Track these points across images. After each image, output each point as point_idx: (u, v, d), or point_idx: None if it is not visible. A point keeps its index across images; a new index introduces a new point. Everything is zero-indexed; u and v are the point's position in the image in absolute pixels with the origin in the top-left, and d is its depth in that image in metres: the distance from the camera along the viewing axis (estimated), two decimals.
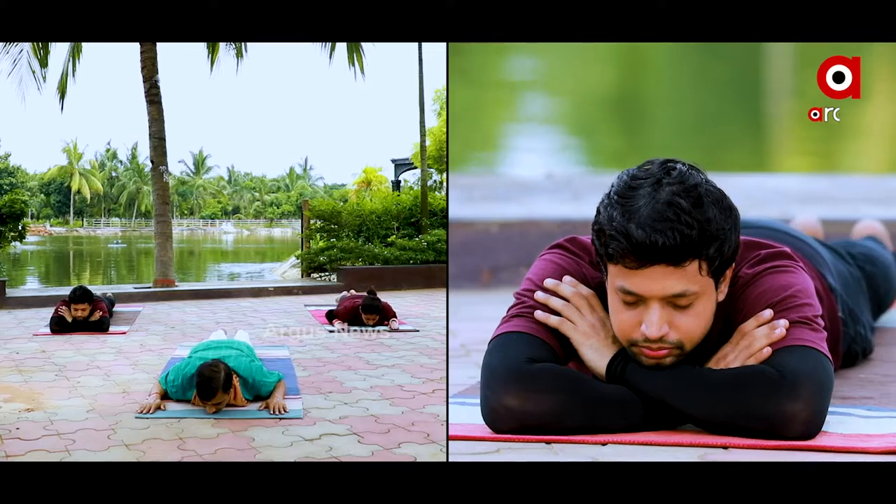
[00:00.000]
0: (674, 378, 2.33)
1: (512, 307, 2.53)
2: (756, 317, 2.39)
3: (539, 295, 2.46)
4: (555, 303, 2.46)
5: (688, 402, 2.31)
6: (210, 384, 3.75)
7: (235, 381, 3.89)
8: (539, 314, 2.45)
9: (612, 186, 2.35)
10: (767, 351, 2.33)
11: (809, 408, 2.25)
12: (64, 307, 6.55)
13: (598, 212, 2.35)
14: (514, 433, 2.34)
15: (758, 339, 2.36)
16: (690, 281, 2.27)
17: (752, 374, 2.30)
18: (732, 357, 2.37)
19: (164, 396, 4.00)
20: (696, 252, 2.24)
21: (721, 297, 2.37)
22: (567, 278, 2.49)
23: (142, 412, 3.86)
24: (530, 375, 2.34)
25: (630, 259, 2.26)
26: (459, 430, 2.39)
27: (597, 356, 2.41)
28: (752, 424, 2.27)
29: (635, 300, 2.31)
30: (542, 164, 6.49)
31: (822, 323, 2.41)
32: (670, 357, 2.34)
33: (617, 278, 2.32)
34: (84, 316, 6.52)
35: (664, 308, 2.29)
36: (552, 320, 2.44)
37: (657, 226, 2.22)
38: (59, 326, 6.47)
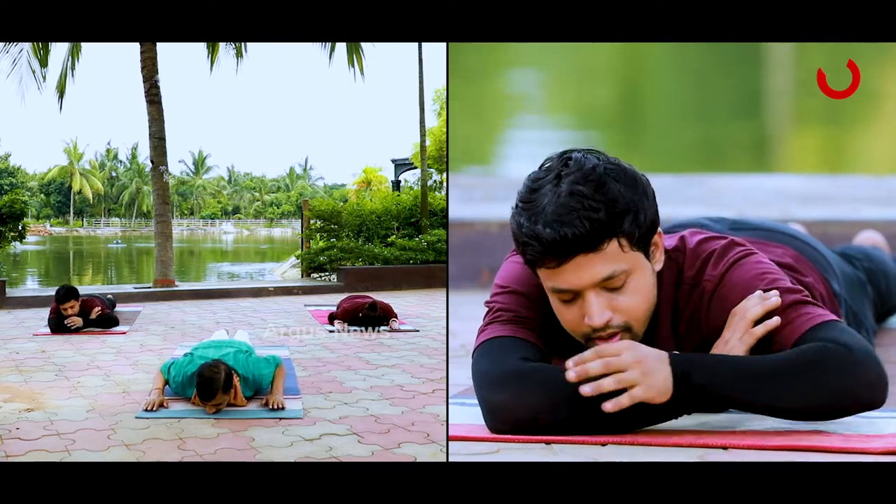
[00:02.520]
0: (741, 372, 2.23)
1: (486, 315, 2.50)
2: (745, 299, 2.34)
3: (571, 375, 2.25)
4: (594, 368, 2.25)
5: (767, 395, 2.21)
6: (210, 385, 3.75)
7: (236, 380, 3.89)
8: (585, 389, 2.24)
9: (518, 193, 2.33)
10: (776, 320, 2.27)
11: (882, 371, 2.22)
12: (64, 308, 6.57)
13: (511, 220, 2.33)
14: (512, 433, 2.34)
15: (751, 307, 2.31)
16: (615, 261, 2.26)
17: (820, 353, 2.20)
18: (730, 335, 2.33)
19: (166, 383, 4.06)
20: (609, 231, 2.23)
21: (658, 267, 2.36)
22: (587, 354, 2.28)
23: (147, 409, 3.89)
24: (522, 373, 2.33)
25: (549, 259, 2.25)
26: (459, 431, 2.39)
27: (660, 378, 2.24)
28: (839, 403, 2.21)
29: (571, 296, 2.30)
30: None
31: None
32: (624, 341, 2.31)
33: (546, 280, 2.32)
34: (74, 313, 6.53)
35: (600, 295, 2.28)
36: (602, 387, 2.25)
37: (564, 219, 2.20)
38: (57, 327, 6.50)
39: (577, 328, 2.35)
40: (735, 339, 2.32)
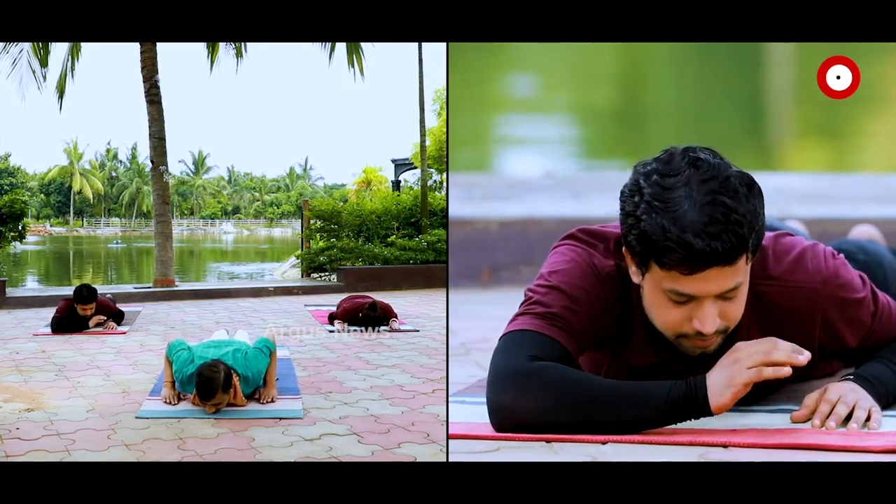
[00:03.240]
0: None
1: (522, 304, 2.49)
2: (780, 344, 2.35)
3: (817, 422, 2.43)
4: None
5: None
6: (210, 385, 3.76)
7: (235, 380, 3.89)
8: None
9: (641, 187, 2.28)
10: (786, 371, 2.30)
11: None
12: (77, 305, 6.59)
13: (635, 217, 2.28)
14: (512, 431, 2.33)
15: (779, 351, 2.31)
16: (740, 273, 2.28)
17: None
18: (743, 356, 2.31)
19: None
20: (745, 246, 2.24)
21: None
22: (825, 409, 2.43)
23: (166, 402, 4.00)
24: (526, 373, 2.31)
25: (685, 267, 2.24)
26: (459, 429, 2.39)
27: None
28: None
29: (685, 299, 2.30)
30: (542, 162, 6.49)
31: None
32: (715, 343, 2.36)
33: (665, 281, 2.29)
34: (90, 315, 6.57)
35: (715, 303, 2.30)
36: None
37: (711, 230, 2.19)
38: (59, 327, 6.50)
39: (678, 328, 2.35)
40: (743, 364, 2.30)
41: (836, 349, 2.53)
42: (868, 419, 2.34)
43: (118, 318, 6.89)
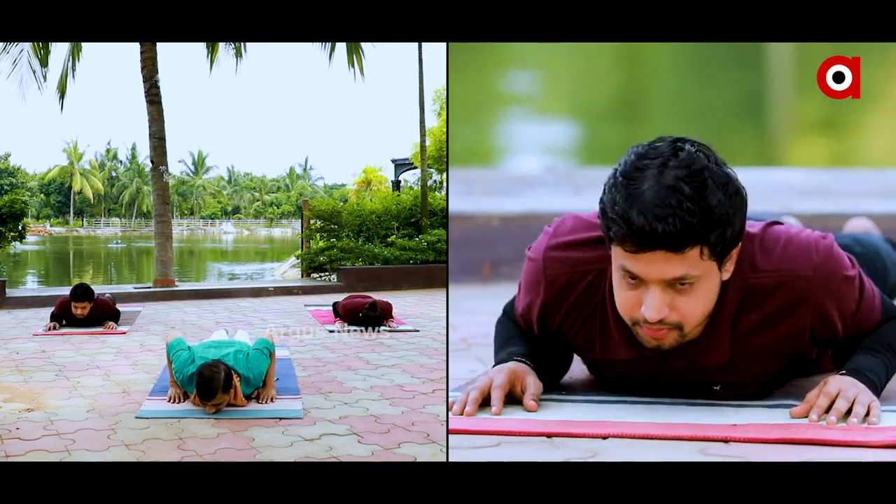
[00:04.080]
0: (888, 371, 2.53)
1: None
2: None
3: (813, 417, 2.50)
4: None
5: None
6: (210, 385, 3.76)
7: (236, 380, 3.89)
8: None
9: (619, 165, 2.34)
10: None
11: None
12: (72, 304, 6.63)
13: (604, 190, 2.35)
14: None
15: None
16: (691, 266, 2.27)
17: None
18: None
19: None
20: (697, 238, 2.24)
21: (726, 276, 2.37)
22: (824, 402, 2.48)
23: (171, 401, 4.01)
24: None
25: (630, 243, 2.27)
26: (459, 424, 2.40)
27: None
28: None
29: (636, 281, 2.32)
30: (543, 157, 6.49)
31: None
32: (669, 339, 2.37)
33: (619, 258, 2.34)
34: (85, 314, 6.58)
35: (665, 291, 2.30)
36: None
37: (658, 212, 2.21)
38: (53, 318, 6.59)
39: (630, 312, 2.38)
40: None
41: (827, 337, 2.53)
42: (867, 414, 2.35)
43: (115, 318, 6.90)
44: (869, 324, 2.55)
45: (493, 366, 2.64)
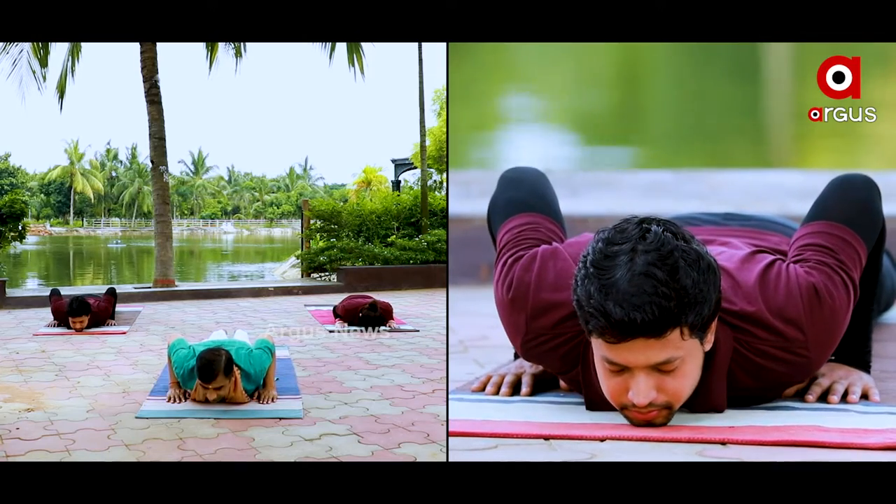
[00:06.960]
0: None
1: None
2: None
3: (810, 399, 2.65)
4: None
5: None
6: (211, 366, 3.78)
7: (236, 370, 3.90)
8: None
9: (589, 253, 2.34)
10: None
11: None
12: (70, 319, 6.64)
13: (577, 282, 2.34)
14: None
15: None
16: (674, 348, 2.28)
17: None
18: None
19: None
20: (675, 321, 2.24)
21: (708, 347, 2.38)
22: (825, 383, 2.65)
23: (170, 401, 4.00)
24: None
25: (610, 335, 2.27)
26: (459, 427, 2.40)
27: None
28: None
29: (620, 369, 2.33)
30: (540, 160, 6.49)
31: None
32: (660, 417, 2.37)
33: (600, 349, 2.34)
34: (83, 327, 6.58)
35: (650, 375, 2.30)
36: None
37: (634, 301, 2.21)
38: (59, 321, 6.65)
39: (618, 398, 2.37)
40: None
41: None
42: (866, 396, 2.56)
43: (112, 306, 7.12)
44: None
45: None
